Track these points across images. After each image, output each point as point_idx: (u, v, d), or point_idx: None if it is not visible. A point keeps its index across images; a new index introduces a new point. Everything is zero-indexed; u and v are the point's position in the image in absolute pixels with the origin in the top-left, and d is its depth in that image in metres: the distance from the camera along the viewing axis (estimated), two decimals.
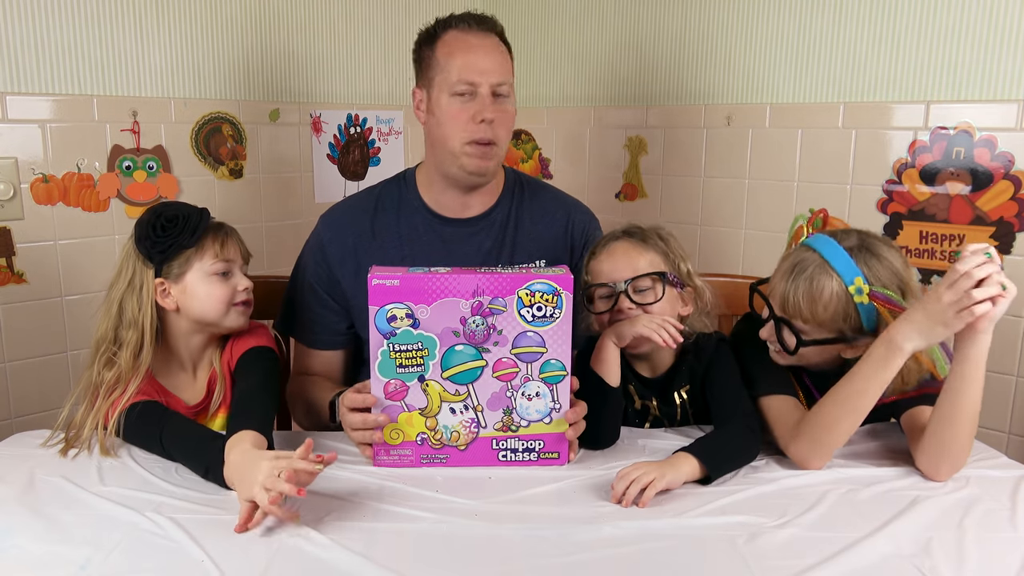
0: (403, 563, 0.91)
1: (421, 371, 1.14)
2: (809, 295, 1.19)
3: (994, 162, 1.79)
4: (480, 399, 1.15)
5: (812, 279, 1.19)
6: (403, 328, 1.11)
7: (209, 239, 1.31)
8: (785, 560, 0.92)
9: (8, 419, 1.83)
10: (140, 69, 1.94)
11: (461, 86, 1.35)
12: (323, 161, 2.34)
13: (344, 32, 2.33)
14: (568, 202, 1.57)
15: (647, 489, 1.05)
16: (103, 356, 1.27)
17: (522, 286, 1.11)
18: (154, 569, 0.90)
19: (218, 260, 1.30)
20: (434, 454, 1.17)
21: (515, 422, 1.16)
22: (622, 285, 1.28)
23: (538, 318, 1.12)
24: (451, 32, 1.39)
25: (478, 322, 1.12)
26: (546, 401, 1.16)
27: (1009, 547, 0.96)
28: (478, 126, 1.36)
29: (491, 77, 1.36)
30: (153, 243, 1.28)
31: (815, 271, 1.19)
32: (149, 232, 1.29)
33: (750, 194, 2.19)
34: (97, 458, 1.19)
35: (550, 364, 1.14)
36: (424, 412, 1.16)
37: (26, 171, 1.80)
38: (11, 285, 1.81)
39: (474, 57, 1.36)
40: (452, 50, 1.37)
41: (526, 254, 1.47)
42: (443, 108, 1.38)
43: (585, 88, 2.51)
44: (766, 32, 2.11)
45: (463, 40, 1.38)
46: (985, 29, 1.78)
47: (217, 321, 1.32)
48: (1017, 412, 1.84)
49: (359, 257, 1.44)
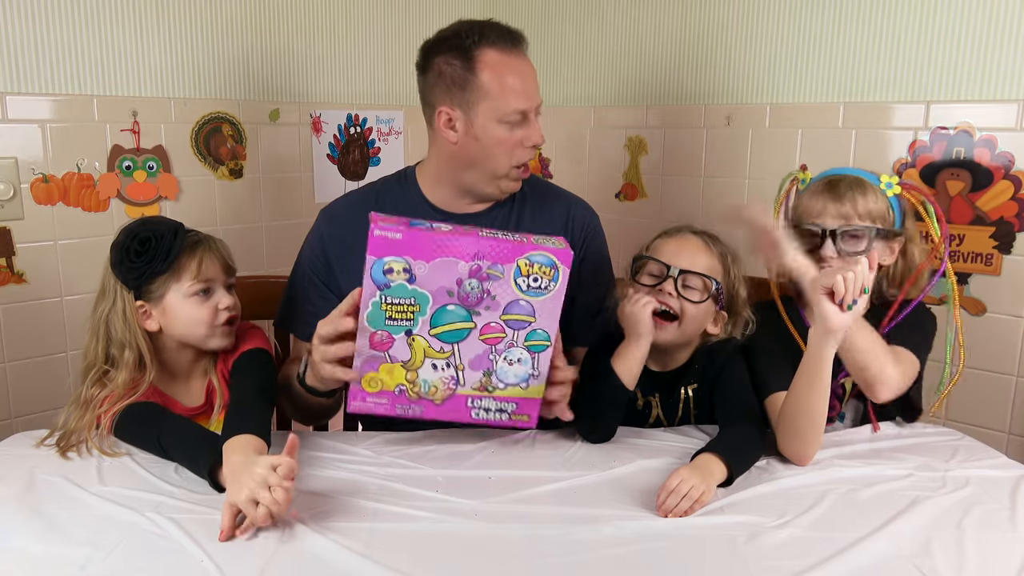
0: (403, 563, 0.91)
1: (409, 326, 1.13)
2: (863, 193, 1.28)
3: (994, 162, 1.79)
4: (463, 359, 1.15)
5: (855, 182, 1.30)
6: (398, 282, 1.11)
7: (185, 259, 1.27)
8: (785, 560, 0.92)
9: (8, 419, 1.83)
10: (140, 69, 1.94)
11: (514, 116, 1.34)
12: (323, 161, 2.34)
13: (344, 32, 2.33)
14: (568, 198, 1.57)
15: (695, 504, 1.03)
16: (94, 376, 1.26)
17: (522, 255, 1.11)
18: (154, 569, 0.90)
19: (196, 281, 1.27)
20: (409, 404, 1.17)
21: (492, 384, 1.17)
22: (676, 271, 1.29)
23: (533, 288, 1.13)
24: (490, 52, 1.34)
25: (473, 285, 1.11)
26: (526, 368, 1.17)
27: (1009, 547, 0.96)
28: (527, 150, 1.37)
29: (535, 100, 1.36)
30: (128, 269, 1.25)
31: (848, 179, 1.30)
32: (123, 257, 1.26)
33: (750, 194, 2.19)
34: (97, 458, 1.19)
35: (536, 334, 1.15)
36: (406, 365, 1.15)
37: (26, 171, 1.80)
38: (11, 285, 1.81)
39: (523, 83, 1.34)
40: (498, 74, 1.33)
41: None
42: (491, 134, 1.36)
43: (585, 88, 2.51)
44: (766, 32, 2.11)
45: (507, 64, 1.34)
46: (985, 29, 1.78)
47: (200, 343, 1.30)
48: (1017, 412, 1.84)
49: (358, 251, 1.44)
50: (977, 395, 1.85)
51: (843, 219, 1.29)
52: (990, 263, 1.83)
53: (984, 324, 1.85)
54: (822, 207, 1.30)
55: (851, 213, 1.28)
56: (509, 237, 1.13)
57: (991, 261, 1.83)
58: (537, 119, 1.39)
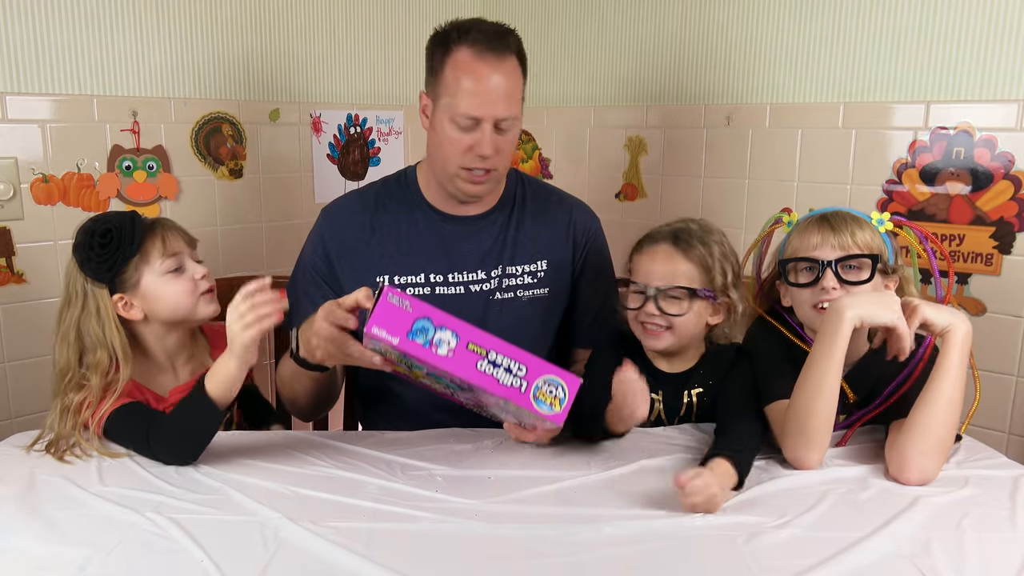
0: (403, 563, 0.91)
1: (407, 369, 1.14)
2: (858, 226, 1.27)
3: (994, 162, 1.79)
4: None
5: (849, 217, 1.28)
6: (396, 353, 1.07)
7: (148, 241, 1.29)
8: (785, 560, 0.92)
9: (8, 419, 1.83)
10: (140, 69, 1.94)
11: (463, 120, 1.31)
12: (323, 161, 2.34)
13: (344, 32, 2.33)
14: (569, 201, 1.57)
15: (707, 506, 1.03)
16: (70, 383, 1.25)
17: (516, 400, 1.03)
18: (154, 569, 0.90)
19: (166, 257, 1.30)
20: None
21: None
22: (652, 291, 1.30)
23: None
24: (464, 50, 1.31)
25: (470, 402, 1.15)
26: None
27: (1009, 547, 0.96)
28: (475, 158, 1.34)
29: (495, 112, 1.31)
30: (98, 263, 1.26)
31: (845, 213, 1.29)
32: (89, 254, 1.26)
33: (750, 194, 2.19)
34: (97, 458, 1.19)
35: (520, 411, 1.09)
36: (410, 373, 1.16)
37: (26, 171, 1.80)
38: (11, 285, 1.81)
39: (480, 90, 1.30)
40: (461, 74, 1.31)
41: (527, 254, 1.48)
42: (444, 131, 1.35)
43: (585, 88, 2.51)
44: (766, 32, 2.11)
45: (473, 66, 1.30)
46: (985, 29, 1.78)
47: (188, 316, 1.33)
48: (1017, 412, 1.84)
49: (359, 251, 1.45)
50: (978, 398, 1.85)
51: (842, 250, 1.25)
52: (990, 263, 1.83)
53: (984, 324, 1.85)
54: (820, 240, 1.27)
55: (850, 244, 1.25)
56: (506, 378, 1.03)
57: (991, 261, 1.83)
58: (497, 131, 1.32)
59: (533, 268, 1.47)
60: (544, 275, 1.48)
